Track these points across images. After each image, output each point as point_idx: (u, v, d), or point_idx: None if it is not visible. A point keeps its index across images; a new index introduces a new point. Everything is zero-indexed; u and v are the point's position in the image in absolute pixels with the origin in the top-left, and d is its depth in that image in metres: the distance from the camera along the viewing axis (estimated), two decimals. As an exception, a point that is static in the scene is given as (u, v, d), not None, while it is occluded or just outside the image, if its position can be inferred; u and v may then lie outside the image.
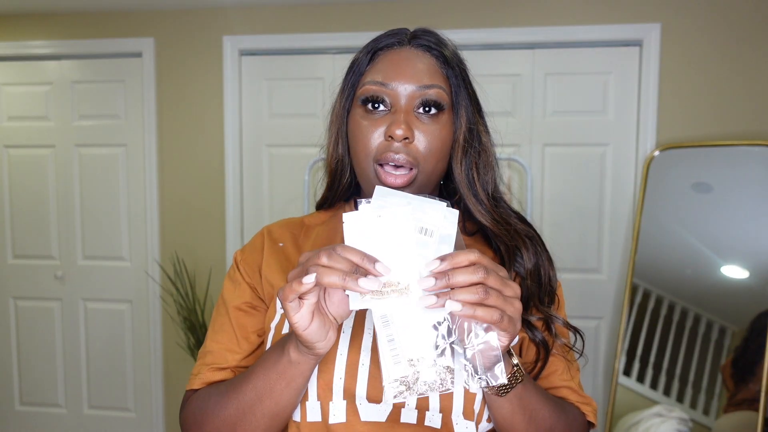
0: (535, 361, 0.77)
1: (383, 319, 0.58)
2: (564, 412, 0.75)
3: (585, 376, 2.52)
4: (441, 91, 0.74)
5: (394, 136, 0.72)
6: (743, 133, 2.31)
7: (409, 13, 2.49)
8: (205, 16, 2.62)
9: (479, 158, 0.78)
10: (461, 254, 0.57)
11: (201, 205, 2.68)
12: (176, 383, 2.76)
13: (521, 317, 0.75)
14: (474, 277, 0.56)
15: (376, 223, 0.59)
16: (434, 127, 0.74)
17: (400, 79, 0.74)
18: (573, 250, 2.50)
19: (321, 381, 0.71)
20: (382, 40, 0.78)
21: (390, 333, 0.58)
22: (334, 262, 0.57)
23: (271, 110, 2.65)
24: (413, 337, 0.58)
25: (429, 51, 0.76)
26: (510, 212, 0.82)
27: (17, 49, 2.74)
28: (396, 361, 0.57)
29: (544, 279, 0.79)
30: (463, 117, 0.77)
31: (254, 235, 0.87)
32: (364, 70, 0.77)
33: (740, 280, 2.12)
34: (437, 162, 0.76)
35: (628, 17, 2.37)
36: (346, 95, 0.79)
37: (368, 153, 0.74)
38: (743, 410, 1.99)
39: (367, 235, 0.59)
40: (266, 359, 0.70)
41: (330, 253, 0.57)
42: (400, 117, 0.72)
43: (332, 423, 0.70)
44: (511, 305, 0.58)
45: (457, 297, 0.56)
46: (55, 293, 2.84)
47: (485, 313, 0.56)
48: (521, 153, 2.48)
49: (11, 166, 2.83)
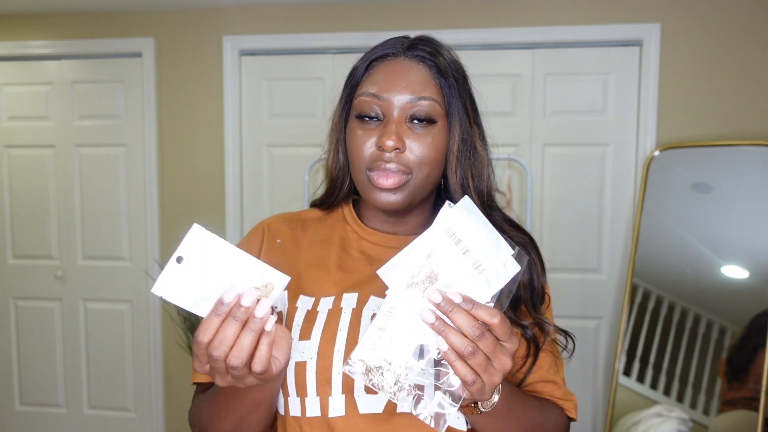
0: (526, 356, 0.79)
1: (389, 310, 0.60)
2: (544, 419, 0.78)
3: (585, 376, 2.52)
4: (433, 103, 0.75)
5: (384, 147, 0.73)
6: (743, 133, 2.31)
7: (409, 13, 2.49)
8: (205, 16, 2.62)
9: (474, 167, 0.79)
10: (484, 309, 0.59)
11: (201, 205, 2.69)
12: (176, 383, 2.76)
13: (516, 319, 0.78)
14: (468, 330, 0.58)
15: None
16: (427, 137, 0.75)
17: (393, 90, 0.75)
18: (573, 250, 2.50)
19: (320, 377, 0.72)
20: (377, 50, 0.79)
21: (385, 324, 0.60)
22: (222, 346, 0.60)
23: (271, 110, 2.65)
24: (400, 340, 0.60)
25: (423, 61, 0.77)
26: (504, 220, 0.83)
27: (17, 49, 2.74)
28: (373, 348, 0.60)
29: (536, 285, 0.80)
30: (457, 127, 0.77)
31: (253, 228, 0.88)
32: (360, 81, 0.79)
33: (740, 280, 2.12)
34: (431, 170, 0.77)
35: (628, 17, 2.37)
36: (344, 104, 0.81)
37: (362, 162, 0.76)
38: (740, 409, 1.99)
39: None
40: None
41: (211, 345, 0.60)
42: (391, 128, 0.74)
43: (332, 417, 0.72)
44: (491, 376, 0.59)
45: (448, 337, 0.58)
46: (55, 293, 2.84)
47: (462, 369, 0.58)
48: (521, 153, 2.48)
49: (11, 166, 2.83)
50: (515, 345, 0.61)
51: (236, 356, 0.59)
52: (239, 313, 0.59)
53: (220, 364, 0.60)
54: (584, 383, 2.52)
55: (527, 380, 0.80)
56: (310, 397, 0.73)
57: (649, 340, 2.22)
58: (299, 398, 0.73)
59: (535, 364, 0.79)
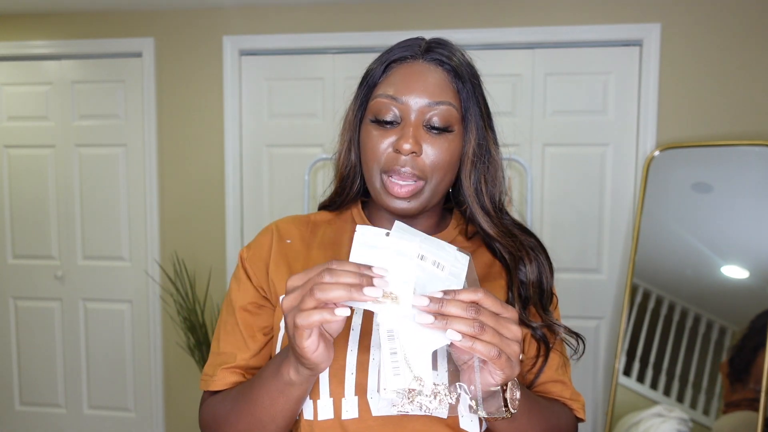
0: (536, 356, 0.80)
1: (389, 334, 0.60)
2: (557, 420, 0.78)
3: (585, 376, 2.52)
4: (450, 108, 0.75)
5: (401, 150, 0.73)
6: (743, 133, 2.31)
7: (410, 13, 2.49)
8: (205, 16, 2.62)
9: (488, 171, 0.80)
10: (465, 292, 0.60)
11: (201, 205, 2.68)
12: (176, 383, 2.76)
13: (526, 320, 0.78)
14: (465, 314, 0.58)
15: (385, 240, 0.62)
16: (443, 142, 0.75)
17: (411, 93, 0.75)
18: (573, 250, 2.50)
19: (333, 378, 0.72)
20: (396, 52, 0.79)
21: (393, 347, 0.60)
22: (337, 278, 0.58)
23: (271, 110, 2.65)
24: (416, 355, 0.60)
25: (441, 65, 0.77)
26: (513, 224, 0.84)
27: (17, 49, 2.74)
28: (396, 373, 0.60)
29: (545, 286, 0.81)
30: (473, 132, 0.78)
31: (261, 230, 0.87)
32: (377, 82, 0.79)
33: (740, 280, 2.12)
34: (445, 174, 0.77)
35: (628, 17, 2.37)
36: (359, 104, 0.81)
37: (377, 163, 0.76)
38: (743, 410, 1.99)
39: (373, 247, 0.62)
40: (266, 380, 0.71)
41: (331, 271, 0.59)
42: (408, 131, 0.74)
43: (345, 419, 0.72)
44: (508, 345, 0.60)
45: (453, 327, 0.58)
46: (54, 293, 2.84)
47: (483, 348, 0.58)
48: (521, 153, 2.48)
49: (11, 166, 2.83)
50: (513, 313, 0.62)
51: (326, 292, 0.58)
52: (363, 281, 0.58)
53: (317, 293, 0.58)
54: (584, 383, 2.52)
55: (538, 380, 0.81)
56: (323, 399, 0.72)
57: (649, 340, 2.22)
58: (312, 400, 0.73)
59: (545, 364, 0.80)
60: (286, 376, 0.67)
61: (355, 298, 0.58)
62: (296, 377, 0.66)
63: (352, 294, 0.57)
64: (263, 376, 0.72)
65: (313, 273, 0.60)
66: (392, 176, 0.75)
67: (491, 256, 0.84)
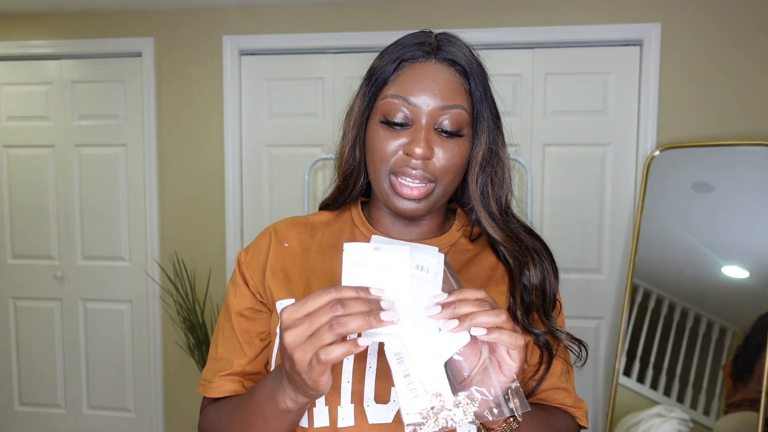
0: (539, 363, 0.78)
1: (397, 357, 0.59)
2: (558, 429, 0.77)
3: (585, 376, 2.51)
4: (462, 112, 0.74)
5: (413, 155, 0.72)
6: (743, 133, 2.31)
7: (410, 13, 2.49)
8: (205, 16, 2.62)
9: (495, 174, 0.78)
10: (469, 291, 0.60)
11: (201, 205, 2.68)
12: (176, 383, 2.76)
13: (528, 327, 0.78)
14: (479, 309, 0.59)
15: (374, 255, 0.61)
16: (453, 145, 0.74)
17: (423, 95, 0.72)
18: (573, 250, 2.50)
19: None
20: (407, 50, 0.75)
21: (405, 369, 0.59)
22: (350, 308, 0.56)
23: (271, 110, 2.65)
24: (429, 371, 0.59)
25: (453, 66, 0.75)
26: (519, 226, 0.82)
27: (17, 49, 2.74)
28: (414, 395, 0.58)
29: (548, 291, 0.80)
30: (484, 134, 0.76)
31: (260, 234, 0.86)
32: (387, 80, 0.76)
33: (741, 280, 2.12)
34: (455, 177, 0.76)
35: (628, 17, 2.37)
36: (367, 102, 0.78)
37: (385, 164, 0.74)
38: (744, 410, 1.98)
39: (363, 265, 0.60)
40: (260, 404, 0.68)
41: (343, 302, 0.56)
42: (420, 135, 0.72)
43: (341, 427, 0.71)
44: (521, 335, 0.61)
45: (477, 321, 0.58)
46: (54, 293, 2.84)
47: (509, 337, 0.58)
48: (521, 153, 2.47)
49: (11, 166, 2.82)
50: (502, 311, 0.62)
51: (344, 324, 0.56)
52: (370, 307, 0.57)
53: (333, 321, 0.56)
54: (584, 383, 2.51)
55: (540, 387, 0.79)
56: (319, 407, 0.71)
57: (649, 341, 2.22)
58: (307, 408, 0.71)
59: (548, 371, 0.79)
60: (282, 405, 0.64)
61: (374, 325, 0.56)
62: (293, 406, 0.64)
63: (371, 322, 0.56)
64: (256, 399, 0.69)
65: (315, 305, 0.57)
66: (401, 177, 0.73)
67: (495, 259, 0.82)
